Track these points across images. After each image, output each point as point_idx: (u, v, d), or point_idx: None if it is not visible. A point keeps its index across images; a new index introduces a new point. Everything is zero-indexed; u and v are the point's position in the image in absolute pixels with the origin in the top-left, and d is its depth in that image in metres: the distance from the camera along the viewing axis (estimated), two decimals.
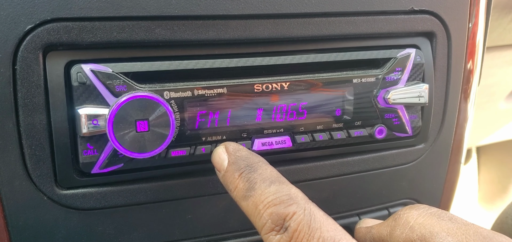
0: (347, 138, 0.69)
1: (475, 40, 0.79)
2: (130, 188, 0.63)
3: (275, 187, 0.49)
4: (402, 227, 0.51)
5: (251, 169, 0.53)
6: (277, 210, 0.47)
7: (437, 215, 0.50)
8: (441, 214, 0.50)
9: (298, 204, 0.48)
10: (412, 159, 0.78)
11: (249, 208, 0.50)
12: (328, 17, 0.66)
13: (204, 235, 0.71)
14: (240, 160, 0.54)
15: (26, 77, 0.55)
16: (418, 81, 0.71)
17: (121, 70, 0.57)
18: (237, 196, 0.52)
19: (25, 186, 0.59)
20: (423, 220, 0.49)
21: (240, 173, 0.53)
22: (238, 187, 0.52)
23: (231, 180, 0.54)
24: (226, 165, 0.55)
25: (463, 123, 0.83)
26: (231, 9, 0.61)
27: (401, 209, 0.53)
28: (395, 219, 0.52)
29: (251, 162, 0.54)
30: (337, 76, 0.67)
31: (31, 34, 0.54)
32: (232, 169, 0.54)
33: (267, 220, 0.48)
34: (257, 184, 0.51)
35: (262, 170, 0.52)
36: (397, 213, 0.53)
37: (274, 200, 0.48)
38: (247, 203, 0.51)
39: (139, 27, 0.58)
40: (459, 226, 0.47)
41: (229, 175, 0.54)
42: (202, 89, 0.61)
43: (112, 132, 0.55)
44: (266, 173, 0.52)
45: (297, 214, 0.47)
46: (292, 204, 0.47)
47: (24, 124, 0.56)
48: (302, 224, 0.46)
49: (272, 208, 0.48)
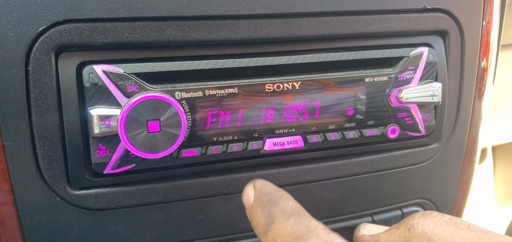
0: (360, 137, 0.69)
1: (489, 38, 0.78)
2: (142, 188, 0.63)
3: (294, 219, 0.47)
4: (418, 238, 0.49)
5: (273, 203, 0.50)
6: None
7: (454, 223, 0.48)
8: (458, 222, 0.48)
9: (318, 236, 0.45)
10: (425, 158, 0.78)
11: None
12: (339, 16, 0.65)
13: (216, 235, 0.71)
14: (264, 195, 0.52)
15: (38, 79, 0.56)
16: (431, 80, 0.71)
17: (133, 71, 0.58)
18: (259, 232, 0.50)
19: (38, 186, 0.59)
20: (441, 231, 0.48)
21: (262, 208, 0.51)
22: (260, 222, 0.50)
23: (254, 216, 0.52)
24: (252, 202, 0.53)
25: (477, 122, 0.82)
26: (242, 9, 0.61)
27: (412, 217, 0.51)
28: (409, 230, 0.50)
29: (273, 196, 0.52)
30: (349, 75, 0.67)
31: (44, 35, 0.55)
32: (255, 205, 0.52)
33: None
34: (276, 218, 0.48)
35: (283, 204, 0.50)
36: (408, 222, 0.51)
37: (292, 233, 0.46)
38: (266, 238, 0.48)
39: (150, 28, 0.58)
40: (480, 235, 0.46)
41: (253, 210, 0.52)
42: (213, 90, 0.61)
43: (124, 132, 0.56)
44: (287, 207, 0.50)
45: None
46: (311, 236, 0.45)
47: (36, 125, 0.57)
48: None
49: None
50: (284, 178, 0.69)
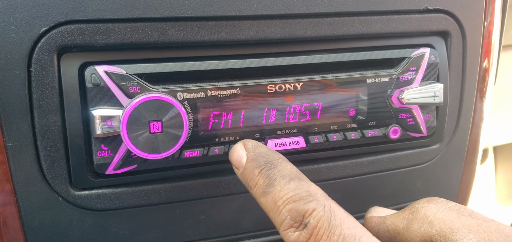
0: (361, 138, 0.69)
1: (490, 39, 0.78)
2: (144, 189, 0.63)
3: (295, 183, 0.48)
4: (420, 221, 0.49)
5: (271, 165, 0.51)
6: (296, 206, 0.46)
7: (457, 210, 0.49)
8: (461, 209, 0.49)
9: (317, 200, 0.47)
10: (427, 159, 0.78)
11: (268, 204, 0.49)
12: (341, 17, 0.65)
13: (218, 236, 0.71)
14: (260, 157, 0.53)
15: (40, 79, 0.56)
16: (433, 81, 0.71)
17: (135, 72, 0.58)
18: (257, 193, 0.51)
19: (40, 187, 0.59)
20: (443, 215, 0.48)
21: (260, 170, 0.52)
22: (258, 184, 0.51)
23: (251, 177, 0.52)
24: (244, 162, 0.54)
25: (479, 123, 0.82)
26: (244, 10, 0.61)
27: (418, 202, 0.52)
28: (412, 212, 0.51)
29: (271, 158, 0.53)
30: (351, 76, 0.67)
31: (46, 36, 0.55)
32: (251, 166, 0.53)
33: (286, 216, 0.47)
34: (276, 181, 0.49)
35: (282, 167, 0.51)
36: (414, 206, 0.52)
37: (293, 196, 0.47)
38: (266, 199, 0.50)
39: (152, 29, 0.58)
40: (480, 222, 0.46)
41: (249, 172, 0.53)
42: (215, 90, 0.61)
43: (126, 133, 0.56)
44: (286, 170, 0.51)
45: (317, 210, 0.46)
46: (311, 200, 0.46)
47: (39, 125, 0.57)
48: (322, 221, 0.45)
49: (291, 204, 0.47)
50: None
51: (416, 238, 0.50)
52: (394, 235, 0.53)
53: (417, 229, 0.49)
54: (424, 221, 0.49)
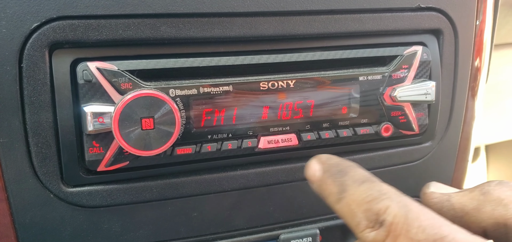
0: (353, 135, 0.69)
1: (482, 38, 0.79)
2: (136, 186, 0.63)
3: (367, 185, 0.48)
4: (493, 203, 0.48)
5: (343, 173, 0.51)
6: (370, 207, 0.46)
7: None
8: None
9: (390, 198, 0.46)
10: (418, 157, 0.78)
11: (343, 209, 0.49)
12: (334, 14, 0.66)
13: (210, 233, 0.71)
14: (332, 167, 0.53)
15: (32, 75, 0.55)
16: (425, 78, 0.71)
17: (127, 68, 0.58)
18: (332, 201, 0.51)
19: (31, 183, 0.59)
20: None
21: (333, 179, 0.51)
22: (332, 192, 0.51)
23: (325, 187, 0.52)
24: (319, 174, 0.54)
25: (470, 121, 0.82)
26: (237, 7, 0.61)
27: (488, 184, 0.51)
28: (484, 194, 0.50)
29: (342, 167, 0.52)
30: (343, 74, 0.67)
31: (37, 32, 0.54)
32: (325, 177, 0.53)
33: (361, 218, 0.46)
34: (348, 186, 0.49)
35: (353, 173, 0.51)
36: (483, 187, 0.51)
37: (366, 197, 0.47)
38: (340, 205, 0.49)
39: (145, 25, 0.58)
40: None
41: (323, 182, 0.53)
42: (208, 87, 0.61)
43: (118, 130, 0.55)
44: (357, 175, 0.50)
45: (391, 207, 0.45)
46: (384, 199, 0.46)
47: (30, 122, 0.57)
48: (398, 216, 0.44)
49: (365, 205, 0.46)
50: (278, 176, 0.69)
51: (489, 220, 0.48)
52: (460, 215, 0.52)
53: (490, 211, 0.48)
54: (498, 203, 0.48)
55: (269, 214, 0.72)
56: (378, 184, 0.49)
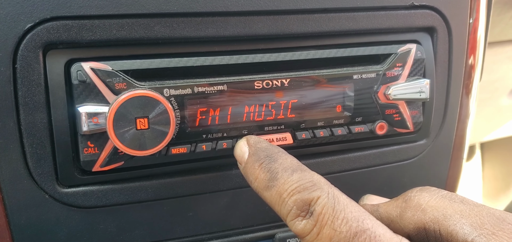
0: (348, 134, 0.69)
1: (476, 36, 0.79)
2: (131, 186, 0.63)
3: (298, 174, 0.50)
4: (413, 209, 0.50)
5: (271, 159, 0.53)
6: (301, 197, 0.48)
7: (449, 197, 0.50)
8: (453, 196, 0.50)
9: (321, 188, 0.48)
10: (413, 155, 0.78)
11: (272, 197, 0.50)
12: (328, 13, 0.66)
13: (206, 233, 0.71)
14: (260, 151, 0.54)
15: (26, 76, 0.55)
16: (419, 76, 0.71)
17: (121, 68, 0.58)
18: (259, 187, 0.52)
19: (26, 184, 0.59)
20: (435, 203, 0.49)
21: (260, 164, 0.53)
22: (259, 178, 0.52)
23: (251, 171, 0.54)
24: (246, 157, 0.55)
25: (465, 119, 0.83)
26: (231, 6, 0.61)
27: (411, 191, 0.53)
28: (406, 201, 0.52)
29: (270, 152, 0.54)
30: (338, 72, 0.67)
31: (31, 32, 0.54)
32: (252, 160, 0.54)
33: (292, 207, 0.48)
34: (279, 174, 0.51)
35: (282, 160, 0.52)
36: (407, 195, 0.52)
37: (298, 187, 0.48)
38: (270, 193, 0.51)
39: (138, 25, 0.58)
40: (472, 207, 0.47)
41: (249, 166, 0.54)
42: (202, 87, 0.61)
43: (112, 130, 0.55)
44: (287, 162, 0.52)
45: (322, 198, 0.47)
46: (316, 189, 0.48)
47: (25, 123, 0.56)
48: (326, 207, 0.46)
49: (297, 195, 0.48)
50: None
51: (410, 226, 0.50)
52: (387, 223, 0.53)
53: (410, 217, 0.50)
54: (417, 209, 0.50)
55: (264, 213, 0.72)
56: (309, 173, 0.50)
